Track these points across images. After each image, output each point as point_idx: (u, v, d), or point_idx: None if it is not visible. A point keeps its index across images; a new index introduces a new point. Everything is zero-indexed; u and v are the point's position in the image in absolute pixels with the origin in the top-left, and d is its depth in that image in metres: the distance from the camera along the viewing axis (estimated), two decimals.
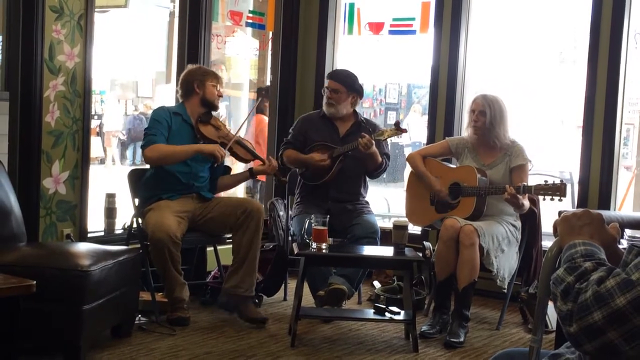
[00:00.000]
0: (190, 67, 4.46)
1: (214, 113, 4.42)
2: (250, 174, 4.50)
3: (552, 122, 7.43)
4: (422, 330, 4.03)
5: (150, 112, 4.77)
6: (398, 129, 4.52)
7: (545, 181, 3.96)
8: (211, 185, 4.43)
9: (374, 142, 4.42)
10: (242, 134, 4.88)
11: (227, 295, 4.16)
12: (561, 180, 3.95)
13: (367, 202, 4.74)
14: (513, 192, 3.95)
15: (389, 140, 4.70)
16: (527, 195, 4.03)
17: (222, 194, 4.66)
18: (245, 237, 4.14)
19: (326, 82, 4.71)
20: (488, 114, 4.22)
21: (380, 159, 4.55)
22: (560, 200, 3.89)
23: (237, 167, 4.86)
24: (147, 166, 4.35)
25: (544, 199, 4.00)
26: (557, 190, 3.88)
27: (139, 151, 8.18)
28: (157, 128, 4.18)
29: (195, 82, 4.31)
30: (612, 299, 1.33)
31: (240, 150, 4.41)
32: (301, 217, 4.46)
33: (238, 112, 7.22)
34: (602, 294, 1.35)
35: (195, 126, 4.30)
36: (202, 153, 4.20)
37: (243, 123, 4.50)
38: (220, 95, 4.41)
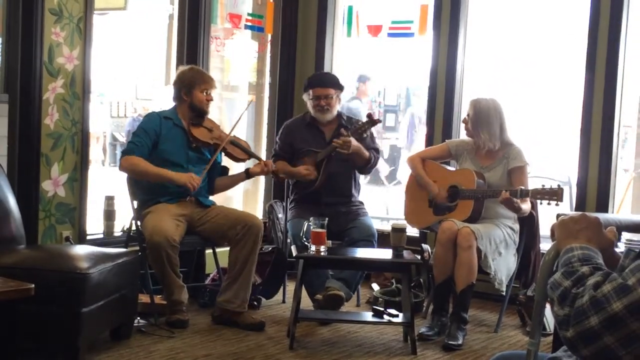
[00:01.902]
0: (181, 70, 4.39)
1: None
2: (246, 174, 4.46)
3: (550, 125, 7.43)
4: (420, 331, 4.03)
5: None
6: (372, 121, 4.53)
7: (543, 185, 3.97)
8: (209, 186, 4.43)
9: (351, 139, 4.41)
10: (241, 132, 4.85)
11: (220, 309, 4.16)
12: (558, 185, 3.96)
13: (360, 203, 4.73)
14: (507, 196, 3.96)
15: (374, 132, 4.72)
16: (527, 199, 4.04)
17: (222, 201, 4.65)
18: (242, 253, 4.11)
19: (314, 91, 4.62)
20: (470, 116, 4.25)
21: (367, 154, 4.54)
22: (557, 204, 3.91)
23: (238, 166, 4.85)
24: None
25: (541, 203, 4.01)
26: (554, 194, 3.88)
27: None
28: (141, 138, 4.16)
29: (182, 90, 4.29)
30: (608, 304, 1.34)
31: (235, 150, 4.40)
32: (296, 220, 4.46)
33: (235, 114, 7.21)
34: (599, 299, 1.35)
35: (188, 130, 4.29)
36: (173, 183, 4.11)
37: (237, 122, 4.48)
38: (210, 100, 4.34)
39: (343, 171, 4.63)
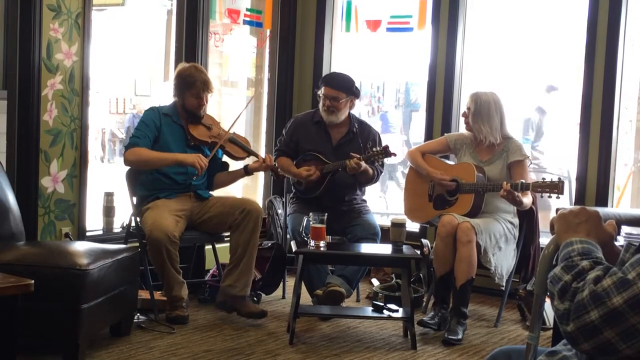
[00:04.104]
0: (180, 67, 4.35)
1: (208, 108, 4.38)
2: (245, 171, 4.43)
3: (549, 119, 7.43)
4: (422, 319, 4.03)
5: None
6: (386, 153, 4.37)
7: (543, 178, 3.97)
8: (208, 182, 4.43)
9: (362, 164, 4.33)
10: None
11: (223, 294, 4.17)
12: (559, 178, 3.96)
13: (363, 201, 4.69)
14: (508, 189, 3.96)
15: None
16: (528, 192, 4.04)
17: (220, 192, 4.65)
18: (242, 237, 4.13)
19: (322, 89, 4.52)
20: (471, 110, 4.24)
21: (371, 172, 4.47)
22: (557, 197, 3.91)
23: (237, 163, 4.84)
24: None
25: (542, 197, 4.01)
26: (554, 187, 3.88)
27: None
28: (143, 130, 4.17)
29: (176, 90, 4.28)
30: (608, 299, 1.34)
31: (234, 148, 4.38)
32: (296, 215, 4.45)
33: (234, 109, 7.21)
34: (599, 293, 1.35)
35: (186, 127, 4.29)
36: (182, 164, 4.15)
37: (235, 120, 4.45)
38: (203, 104, 4.26)
39: (346, 181, 4.53)
